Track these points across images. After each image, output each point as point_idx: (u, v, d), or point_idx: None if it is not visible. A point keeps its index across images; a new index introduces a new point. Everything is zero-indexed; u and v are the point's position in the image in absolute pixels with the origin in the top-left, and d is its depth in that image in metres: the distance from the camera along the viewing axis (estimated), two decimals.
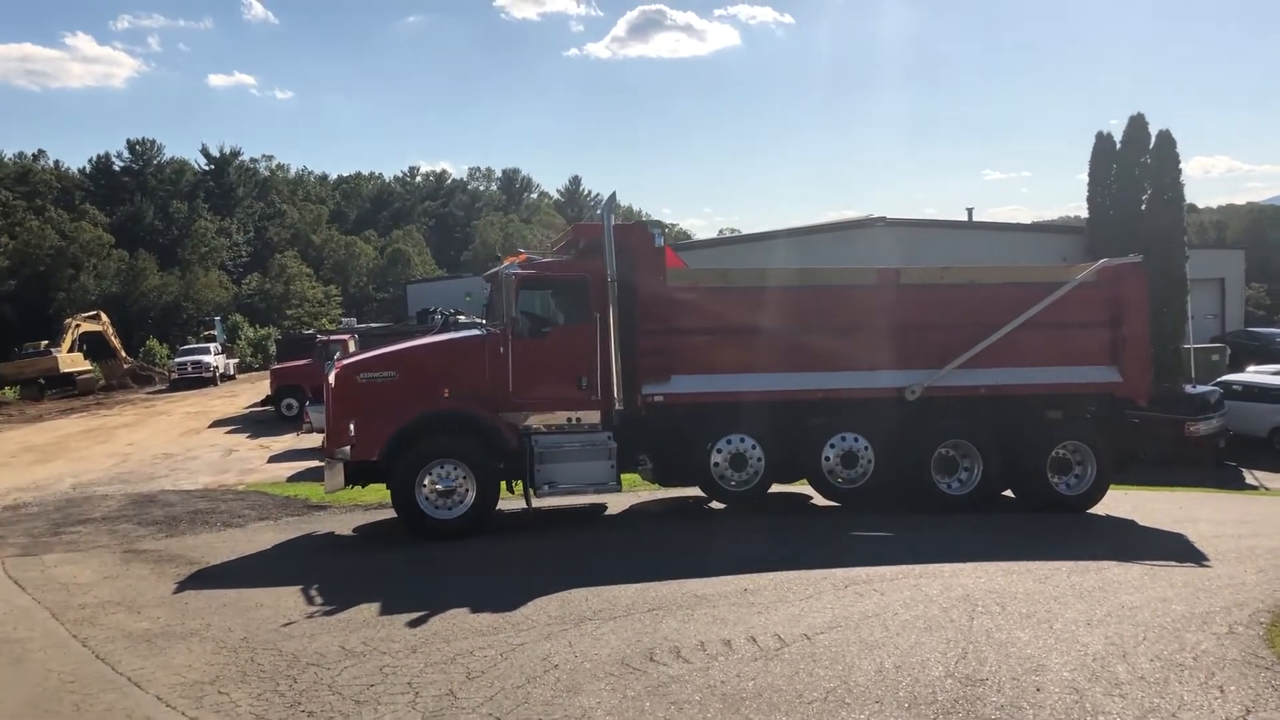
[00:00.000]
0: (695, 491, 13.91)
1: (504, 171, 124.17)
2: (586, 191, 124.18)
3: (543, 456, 12.22)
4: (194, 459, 22.33)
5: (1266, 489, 21.50)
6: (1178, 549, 11.19)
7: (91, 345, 47.87)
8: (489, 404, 12.22)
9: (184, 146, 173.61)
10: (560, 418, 12.55)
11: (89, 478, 19.16)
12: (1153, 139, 31.96)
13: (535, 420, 12.44)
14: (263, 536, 12.48)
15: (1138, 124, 32.05)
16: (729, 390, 12.81)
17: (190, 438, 26.99)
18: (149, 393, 43.96)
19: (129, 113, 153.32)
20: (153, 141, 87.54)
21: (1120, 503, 14.49)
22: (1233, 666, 6.58)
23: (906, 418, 13.08)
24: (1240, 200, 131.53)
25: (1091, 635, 7.33)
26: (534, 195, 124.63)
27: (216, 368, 45.69)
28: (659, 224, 13.59)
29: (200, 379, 44.51)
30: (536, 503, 12.91)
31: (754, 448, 12.94)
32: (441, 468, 11.79)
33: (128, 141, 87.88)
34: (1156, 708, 5.88)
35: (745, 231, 66.11)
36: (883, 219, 39.03)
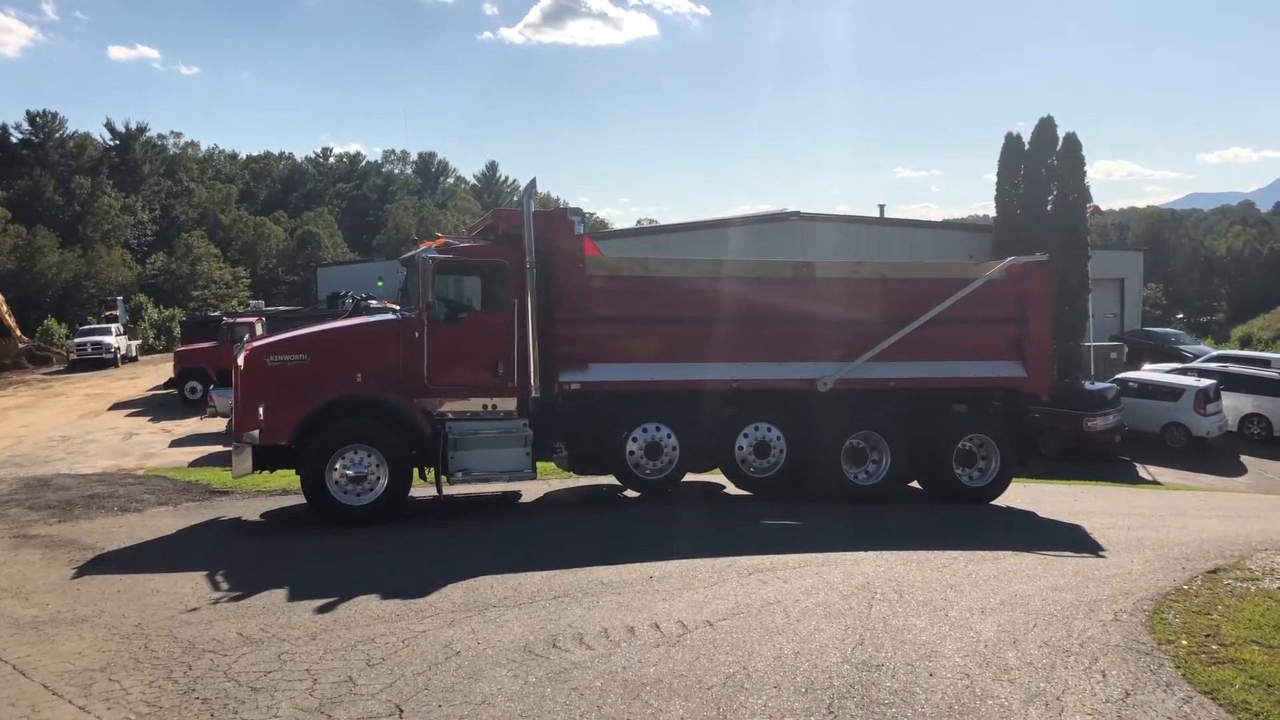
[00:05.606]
0: (610, 480, 13.95)
1: (420, 155, 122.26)
2: (504, 178, 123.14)
3: (457, 443, 12.10)
4: (92, 442, 21.67)
5: (1159, 483, 22.37)
6: (1072, 540, 11.57)
7: None
8: (403, 389, 12.06)
9: (85, 120, 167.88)
10: (475, 404, 12.44)
11: None
12: (1060, 141, 32.76)
13: (450, 406, 12.31)
14: (162, 522, 12.15)
15: (1046, 126, 32.81)
16: (645, 379, 12.86)
17: (89, 420, 26.17)
18: (46, 373, 42.42)
19: (24, 83, 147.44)
20: (54, 114, 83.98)
21: (1021, 495, 14.94)
22: (1115, 652, 6.82)
23: (818, 409, 13.27)
24: (1140, 204, 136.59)
25: (984, 622, 7.53)
26: (450, 180, 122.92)
27: (118, 349, 44.26)
28: (579, 211, 13.49)
29: (101, 360, 43.10)
30: (449, 490, 12.81)
31: (669, 436, 12.99)
32: (353, 453, 11.61)
33: (27, 113, 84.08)
34: (1042, 692, 6.07)
35: (663, 222, 66.46)
36: (798, 213, 39.59)
